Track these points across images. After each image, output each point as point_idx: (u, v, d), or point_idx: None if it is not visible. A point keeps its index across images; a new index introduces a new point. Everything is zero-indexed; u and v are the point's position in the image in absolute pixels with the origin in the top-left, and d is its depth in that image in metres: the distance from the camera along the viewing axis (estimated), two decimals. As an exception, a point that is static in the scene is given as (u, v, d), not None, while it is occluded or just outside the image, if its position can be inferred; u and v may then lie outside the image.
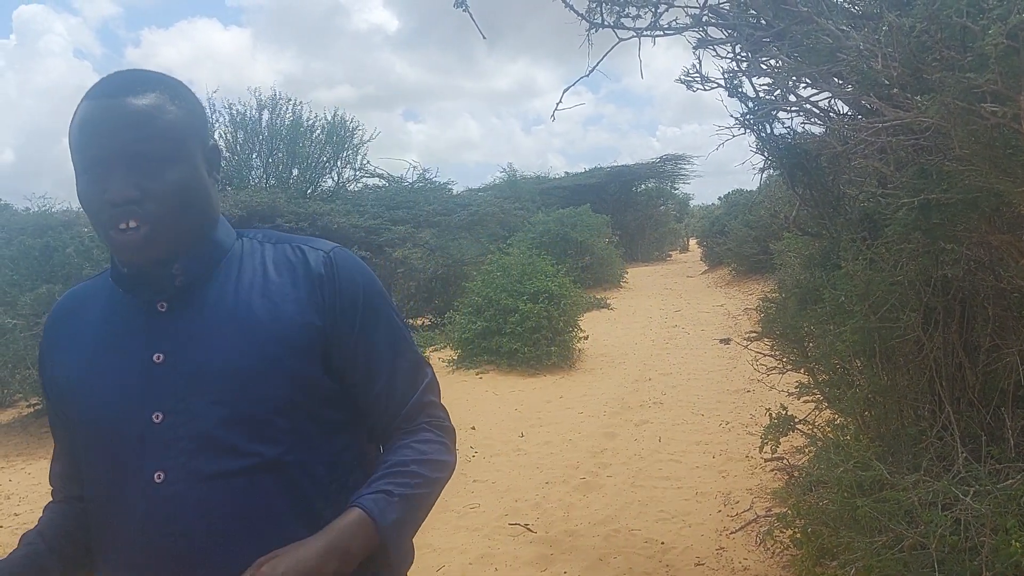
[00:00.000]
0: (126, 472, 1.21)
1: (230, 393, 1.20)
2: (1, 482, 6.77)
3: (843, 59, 2.94)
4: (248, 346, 1.22)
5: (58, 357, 1.32)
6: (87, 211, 1.21)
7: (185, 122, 1.23)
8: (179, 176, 1.20)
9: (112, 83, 1.21)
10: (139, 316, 1.26)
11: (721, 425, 6.95)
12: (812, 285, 3.36)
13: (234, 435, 1.20)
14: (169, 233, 1.20)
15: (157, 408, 1.20)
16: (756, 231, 16.35)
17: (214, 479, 1.19)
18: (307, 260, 1.30)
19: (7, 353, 8.38)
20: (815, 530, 3.24)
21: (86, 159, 1.18)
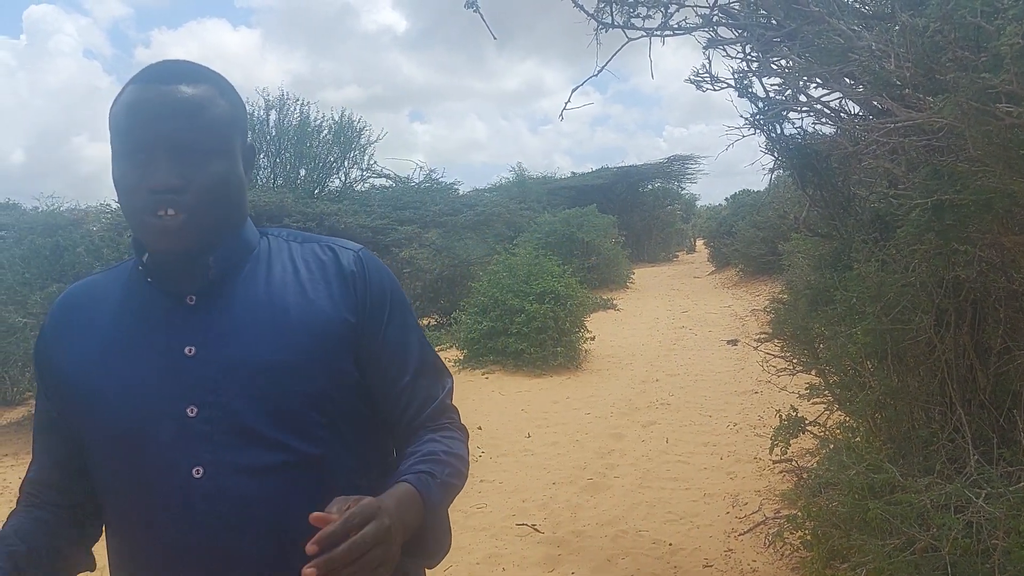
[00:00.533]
0: (158, 468, 1.18)
1: (267, 386, 1.19)
2: (10, 480, 6.78)
3: (855, 59, 2.93)
4: (283, 340, 1.21)
5: (67, 352, 1.26)
6: (122, 195, 1.19)
7: (230, 116, 1.23)
8: (221, 169, 1.19)
9: (163, 70, 1.20)
10: (165, 310, 1.23)
11: (729, 426, 6.93)
12: (823, 286, 3.35)
13: (272, 429, 1.18)
14: (205, 225, 1.18)
15: (191, 402, 1.17)
16: (764, 232, 16.32)
17: (255, 473, 1.17)
18: (338, 258, 1.30)
19: (17, 351, 8.41)
20: (825, 532, 3.22)
21: (130, 143, 1.16)
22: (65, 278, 8.74)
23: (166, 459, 1.17)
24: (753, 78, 3.77)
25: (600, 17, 3.69)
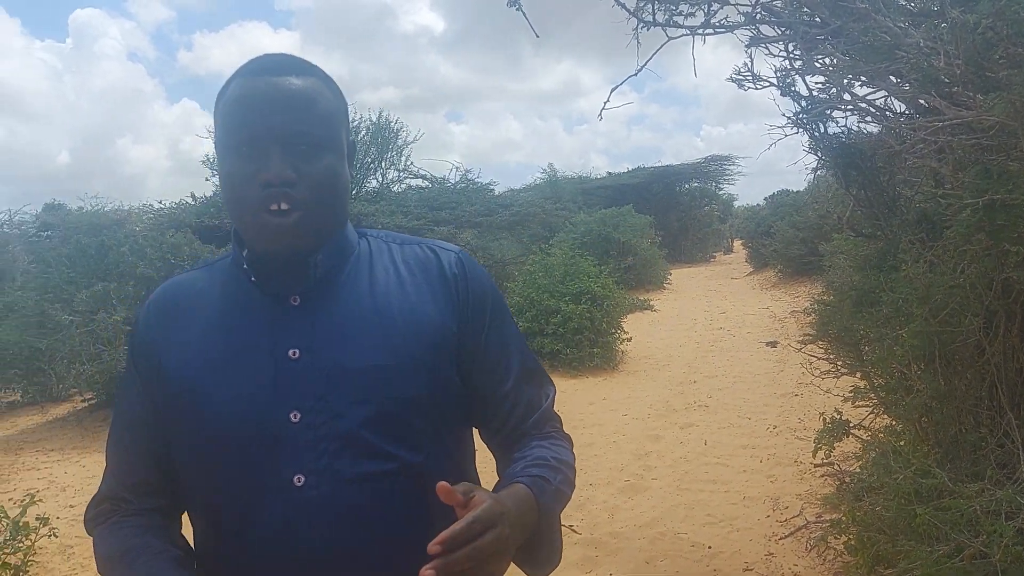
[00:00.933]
0: (260, 475, 1.14)
1: (372, 391, 1.15)
2: (57, 475, 6.91)
3: (902, 57, 2.88)
4: (388, 344, 1.17)
5: (167, 350, 1.22)
6: (231, 192, 1.16)
7: (337, 110, 1.22)
8: (331, 163, 1.17)
9: (271, 62, 1.18)
10: (268, 310, 1.19)
11: (769, 429, 6.85)
12: (868, 287, 3.29)
13: (377, 436, 1.15)
14: (316, 220, 1.15)
15: (294, 407, 1.14)
16: (803, 232, 16.13)
17: (359, 482, 1.13)
18: (440, 260, 1.28)
19: (63, 348, 8.56)
20: (870, 537, 3.17)
21: (240, 137, 1.14)
22: (109, 277, 8.89)
23: (266, 467, 1.14)
24: (796, 76, 3.72)
25: (641, 15, 3.67)
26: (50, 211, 20.15)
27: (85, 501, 4.99)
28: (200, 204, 18.75)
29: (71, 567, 4.76)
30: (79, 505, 5.89)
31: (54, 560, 4.81)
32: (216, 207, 17.69)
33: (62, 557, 4.88)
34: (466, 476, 1.27)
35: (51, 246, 15.04)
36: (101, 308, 8.44)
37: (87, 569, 4.73)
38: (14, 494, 6.12)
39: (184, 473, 1.22)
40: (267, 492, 1.13)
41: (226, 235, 13.67)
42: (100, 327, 8.27)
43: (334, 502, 1.12)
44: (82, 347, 8.34)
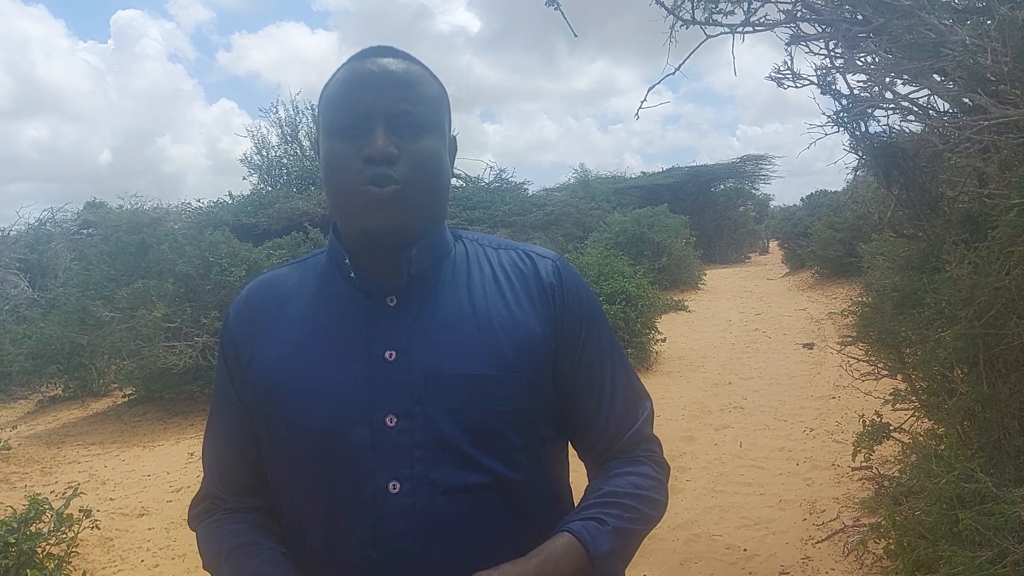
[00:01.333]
0: (353, 479, 1.11)
1: (470, 401, 1.12)
2: (97, 468, 7.03)
3: (947, 54, 2.83)
4: (487, 352, 1.14)
5: (260, 347, 1.19)
6: (332, 173, 1.14)
7: (441, 99, 1.21)
8: (434, 145, 1.16)
9: (376, 49, 1.19)
10: (364, 309, 1.17)
11: (805, 432, 6.78)
12: (910, 289, 3.25)
13: (474, 448, 1.12)
14: (414, 198, 1.13)
15: (390, 411, 1.11)
16: (841, 233, 15.92)
17: (454, 493, 1.10)
18: (537, 269, 1.24)
19: (104, 344, 8.71)
20: (910, 542, 3.13)
21: (344, 116, 1.14)
22: (149, 274, 9.03)
23: (360, 472, 1.11)
24: (837, 75, 3.68)
25: (679, 14, 3.65)
26: (91, 209, 20.47)
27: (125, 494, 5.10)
28: (237, 203, 18.98)
29: (111, 559, 4.84)
30: (118, 498, 5.99)
31: (94, 552, 4.89)
32: (253, 206, 17.91)
33: (102, 549, 4.96)
34: (560, 493, 1.26)
35: (92, 244, 15.28)
36: (141, 305, 8.58)
37: (126, 561, 4.81)
38: (56, 486, 6.24)
39: (271, 470, 1.21)
40: (359, 497, 1.10)
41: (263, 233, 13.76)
42: (140, 324, 8.40)
43: (429, 512, 1.10)
44: (122, 343, 8.49)
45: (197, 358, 8.43)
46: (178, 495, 5.99)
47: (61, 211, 18.20)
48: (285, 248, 10.68)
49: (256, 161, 22.18)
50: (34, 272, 14.22)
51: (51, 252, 15.55)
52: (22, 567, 3.69)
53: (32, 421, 9.40)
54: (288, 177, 21.83)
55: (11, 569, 3.65)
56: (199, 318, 8.61)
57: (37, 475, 6.91)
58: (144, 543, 5.09)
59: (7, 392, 10.60)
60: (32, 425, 9.16)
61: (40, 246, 15.56)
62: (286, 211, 16.34)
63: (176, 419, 8.58)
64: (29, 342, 9.61)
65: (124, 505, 5.83)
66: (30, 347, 9.57)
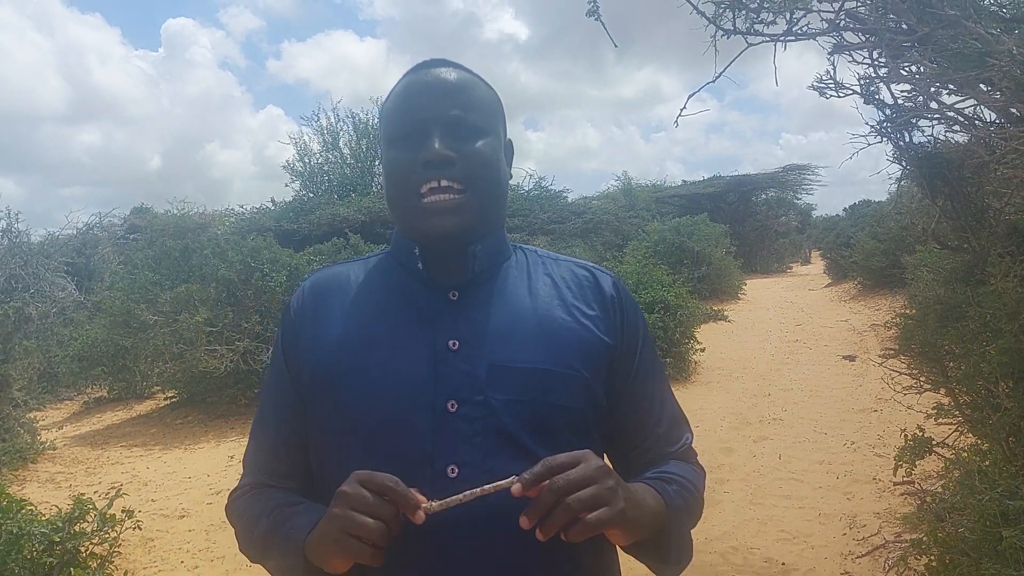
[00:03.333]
0: (411, 461, 1.12)
1: (530, 393, 1.14)
2: (139, 470, 7.15)
3: (993, 64, 2.80)
4: (548, 349, 1.17)
5: (323, 335, 1.22)
6: (393, 178, 1.20)
7: (495, 104, 1.26)
8: (489, 147, 1.20)
9: (430, 61, 1.25)
10: (428, 302, 1.21)
11: (846, 445, 6.68)
12: (954, 302, 3.20)
13: (531, 439, 1.13)
14: (475, 199, 1.17)
15: (452, 397, 1.13)
16: (885, 244, 15.68)
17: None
18: (598, 281, 1.29)
19: (147, 347, 8.86)
20: (953, 559, 3.07)
21: (403, 125, 1.20)
22: (192, 279, 9.17)
23: (421, 452, 1.12)
24: (881, 84, 3.65)
25: (720, 23, 3.63)
26: (138, 214, 20.89)
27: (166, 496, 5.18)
28: (280, 209, 19.24)
29: (151, 559, 4.91)
30: (160, 500, 6.09)
31: (136, 552, 4.97)
32: (295, 212, 18.15)
33: (143, 550, 5.04)
34: None
35: (138, 248, 15.56)
36: (184, 309, 8.72)
37: (166, 562, 4.88)
38: (99, 487, 6.36)
39: (326, 457, 1.21)
40: (420, 479, 1.08)
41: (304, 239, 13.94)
42: (182, 327, 8.54)
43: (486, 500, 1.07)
44: (165, 346, 8.63)
45: (238, 362, 8.54)
46: (218, 497, 6.07)
47: (108, 216, 18.55)
48: (326, 254, 10.80)
49: (298, 168, 22.47)
50: (81, 275, 14.50)
51: (98, 256, 15.85)
52: (66, 565, 3.77)
53: (77, 422, 9.60)
54: (329, 184, 22.08)
55: (56, 567, 3.72)
56: (240, 323, 8.73)
57: (82, 475, 7.05)
58: (184, 544, 5.17)
59: (54, 393, 10.82)
60: (78, 426, 9.35)
61: (87, 250, 15.86)
62: (327, 217, 16.52)
63: (217, 422, 8.69)
64: (75, 344, 9.82)
65: (165, 506, 5.92)
66: (76, 349, 9.77)
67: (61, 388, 10.93)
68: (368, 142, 22.29)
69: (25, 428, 7.54)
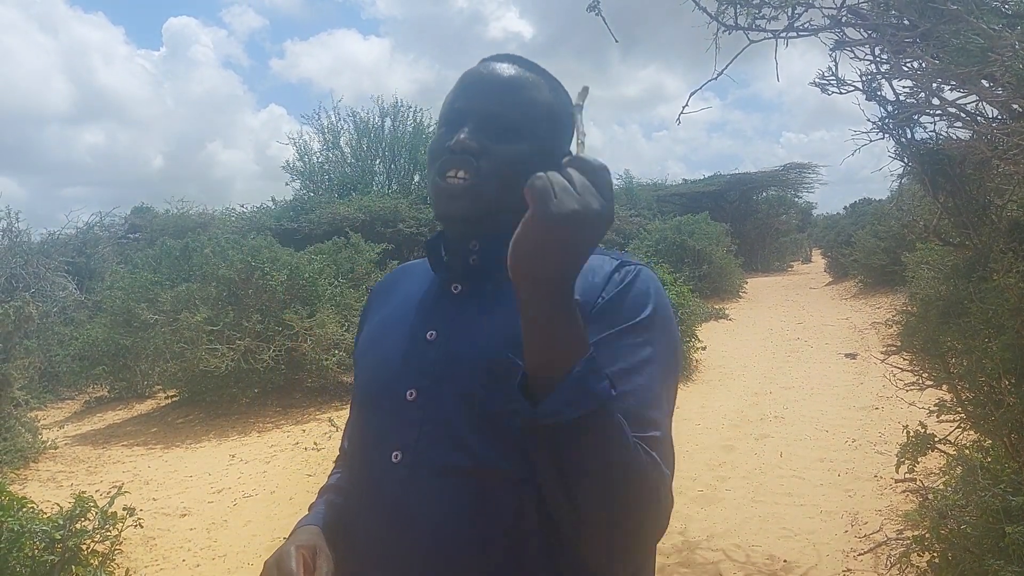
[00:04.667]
0: (371, 444, 1.20)
1: (482, 383, 1.11)
2: (141, 468, 7.15)
3: (995, 60, 2.79)
4: (509, 343, 1.06)
5: (370, 323, 1.36)
6: (429, 162, 1.24)
7: (550, 109, 1.23)
8: (520, 151, 1.19)
9: (499, 56, 1.26)
10: (434, 294, 1.25)
11: (847, 442, 6.68)
12: (956, 298, 3.19)
13: (472, 431, 1.11)
14: (486, 197, 1.17)
15: (413, 385, 1.17)
16: (886, 242, 15.68)
17: (447, 474, 1.10)
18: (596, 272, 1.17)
19: (148, 346, 8.85)
20: (955, 556, 3.06)
21: (448, 112, 1.23)
22: (193, 278, 9.17)
23: (378, 435, 1.19)
24: (882, 80, 3.64)
25: (722, 19, 3.63)
26: (138, 214, 20.86)
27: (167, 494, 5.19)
28: (280, 208, 19.22)
29: (153, 558, 4.91)
30: (161, 498, 6.09)
31: (137, 551, 4.97)
32: (295, 211, 18.13)
33: (145, 548, 5.04)
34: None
35: (138, 247, 15.58)
36: (184, 308, 8.71)
37: (168, 560, 4.88)
38: (101, 486, 6.35)
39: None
40: (372, 461, 1.19)
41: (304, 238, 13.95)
42: (183, 327, 8.54)
43: (420, 487, 1.12)
44: (165, 345, 8.63)
45: (239, 361, 8.53)
46: (219, 496, 6.07)
47: (109, 215, 18.55)
48: (326, 253, 10.79)
49: (299, 167, 22.45)
50: (82, 275, 14.51)
51: (99, 255, 15.85)
52: (67, 563, 3.76)
53: (79, 421, 9.59)
54: (330, 183, 22.06)
55: (57, 565, 3.72)
56: (241, 322, 8.72)
57: (83, 474, 7.05)
58: (186, 543, 5.17)
59: (55, 393, 10.82)
60: (79, 425, 9.34)
61: (88, 249, 15.86)
62: (327, 216, 16.51)
63: (218, 421, 8.69)
64: (76, 343, 9.81)
65: (167, 505, 5.92)
66: (77, 348, 9.76)
67: (62, 387, 10.93)
68: (368, 141, 22.27)
69: (26, 427, 7.53)
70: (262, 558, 1.34)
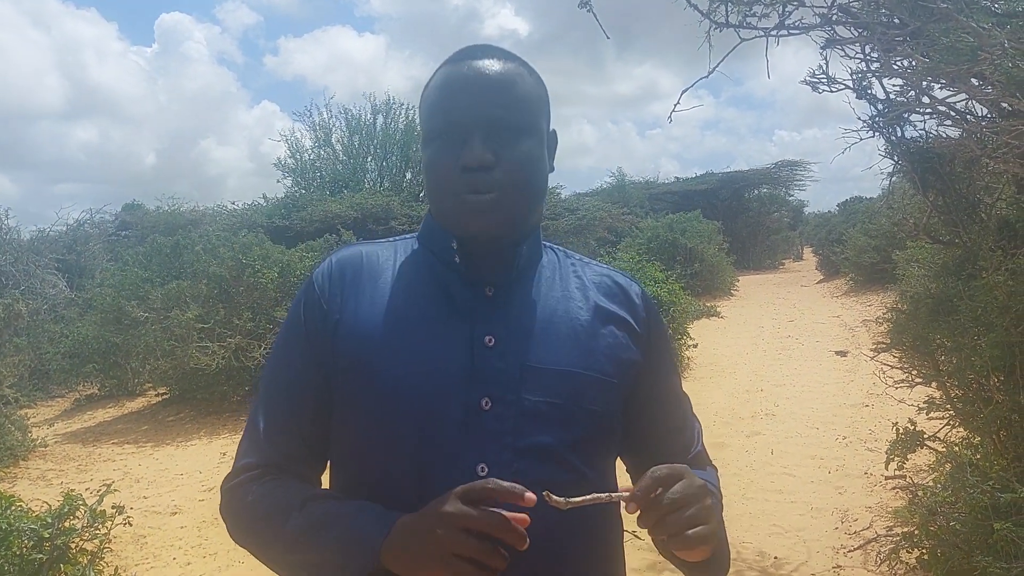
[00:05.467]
0: (439, 456, 1.10)
1: (563, 395, 1.13)
2: (131, 467, 7.12)
3: (985, 58, 2.80)
4: (582, 354, 1.16)
5: (352, 314, 1.18)
6: (432, 178, 1.17)
7: (538, 96, 1.21)
8: (530, 148, 1.16)
9: (474, 50, 1.20)
10: (464, 295, 1.18)
11: (837, 440, 6.71)
12: (945, 295, 3.20)
13: (560, 442, 1.12)
14: (513, 203, 1.15)
15: (486, 394, 1.11)
16: (876, 240, 15.71)
17: (538, 485, 1.02)
18: (626, 291, 1.28)
19: (139, 344, 8.83)
20: (944, 552, 3.08)
21: (443, 123, 1.15)
22: (183, 275, 9.14)
23: (450, 448, 1.10)
24: (873, 79, 3.65)
25: (713, 17, 3.63)
26: (129, 211, 20.81)
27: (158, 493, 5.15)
28: (271, 205, 19.18)
29: (143, 556, 4.90)
30: (152, 496, 6.07)
31: (128, 549, 4.96)
32: (286, 208, 18.10)
33: (135, 546, 5.03)
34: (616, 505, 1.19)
35: (128, 245, 15.52)
36: (175, 306, 8.69)
37: (159, 559, 4.87)
38: (91, 484, 6.32)
39: (348, 439, 1.18)
40: (446, 476, 1.08)
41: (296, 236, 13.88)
42: (173, 324, 8.51)
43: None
44: (156, 343, 8.60)
45: (230, 359, 8.51)
46: (210, 494, 6.05)
47: (99, 212, 18.47)
48: (318, 250, 10.77)
49: (290, 164, 22.40)
50: (72, 272, 14.46)
51: (89, 253, 15.79)
52: (56, 562, 3.75)
53: (69, 419, 9.55)
54: (321, 180, 22.01)
55: (45, 564, 3.71)
56: (231, 319, 8.69)
57: (73, 472, 7.02)
58: (176, 541, 5.15)
59: (45, 391, 10.77)
60: (69, 423, 9.31)
61: (78, 247, 15.81)
62: (319, 214, 16.48)
63: (209, 419, 8.67)
64: (66, 341, 9.78)
65: (157, 503, 5.90)
66: (67, 346, 9.72)
67: (52, 385, 10.88)
68: (361, 138, 22.23)
69: (16, 425, 7.50)
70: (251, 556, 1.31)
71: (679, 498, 0.99)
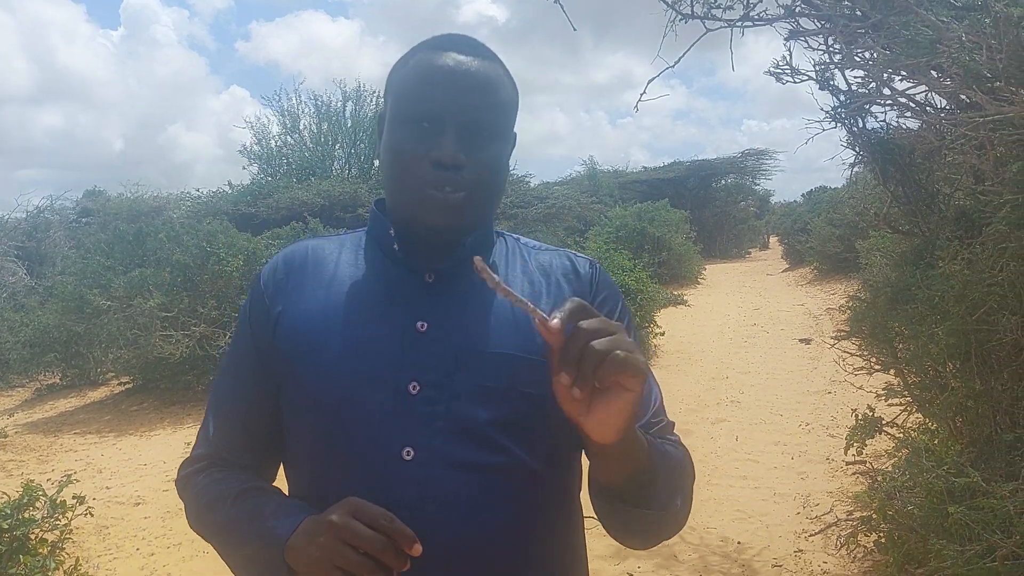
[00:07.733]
0: (367, 440, 1.10)
1: (498, 380, 1.12)
2: (94, 457, 7.04)
3: (943, 51, 2.84)
4: (519, 336, 1.14)
5: (294, 307, 1.19)
6: (397, 166, 1.15)
7: (514, 103, 1.22)
8: (498, 152, 1.17)
9: (458, 40, 1.18)
10: (402, 283, 1.18)
11: (800, 426, 6.80)
12: (904, 284, 3.26)
13: (494, 427, 1.11)
14: (477, 203, 1.15)
15: (415, 378, 1.11)
16: (840, 229, 15.92)
17: (468, 470, 1.09)
18: (575, 266, 1.28)
19: (101, 333, 8.71)
20: (901, 536, 3.14)
21: (419, 110, 1.13)
22: (146, 263, 9.02)
23: (378, 437, 1.10)
24: (835, 70, 3.69)
25: (679, 8, 3.65)
26: (91, 197, 20.47)
27: (121, 483, 5.10)
28: (237, 192, 18.99)
29: (106, 547, 4.85)
30: (115, 487, 6.01)
31: (90, 540, 4.91)
32: (252, 195, 17.92)
33: (98, 537, 4.98)
34: (571, 494, 1.24)
35: (90, 232, 15.29)
36: (138, 294, 8.58)
37: (121, 549, 4.82)
38: (52, 475, 6.25)
39: (293, 429, 1.20)
40: (373, 460, 1.10)
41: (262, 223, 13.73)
42: (136, 313, 8.41)
43: (440, 484, 1.09)
44: (119, 332, 8.49)
45: (194, 348, 8.43)
46: (173, 485, 6.01)
47: (60, 199, 18.18)
48: (284, 238, 10.69)
49: (256, 151, 22.17)
50: (32, 260, 14.23)
51: (49, 240, 15.55)
52: (15, 552, 3.71)
53: (29, 409, 9.42)
54: (288, 167, 21.83)
55: (4, 554, 3.66)
56: (196, 308, 8.61)
57: (34, 463, 6.93)
58: (139, 531, 5.11)
59: (5, 380, 10.61)
60: (29, 413, 9.17)
61: (39, 234, 15.56)
62: (286, 201, 16.35)
63: (173, 408, 8.59)
64: (26, 330, 9.63)
65: (120, 494, 5.84)
66: (27, 335, 9.57)
67: (12, 375, 10.72)
68: (329, 126, 22.07)
69: (-25, 415, 7.38)
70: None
71: (598, 326, 0.92)
